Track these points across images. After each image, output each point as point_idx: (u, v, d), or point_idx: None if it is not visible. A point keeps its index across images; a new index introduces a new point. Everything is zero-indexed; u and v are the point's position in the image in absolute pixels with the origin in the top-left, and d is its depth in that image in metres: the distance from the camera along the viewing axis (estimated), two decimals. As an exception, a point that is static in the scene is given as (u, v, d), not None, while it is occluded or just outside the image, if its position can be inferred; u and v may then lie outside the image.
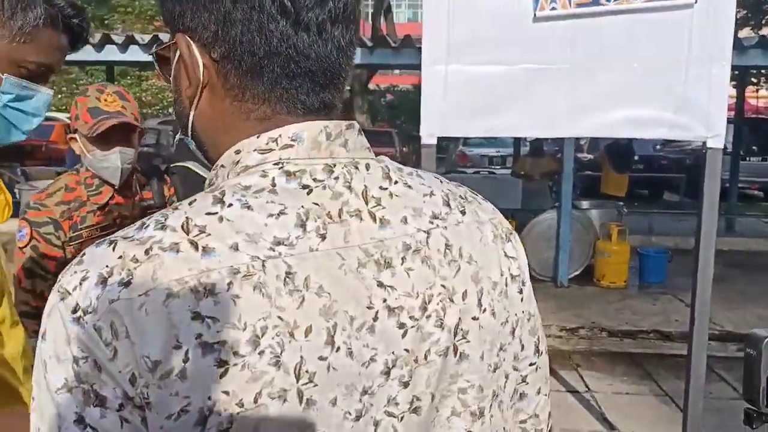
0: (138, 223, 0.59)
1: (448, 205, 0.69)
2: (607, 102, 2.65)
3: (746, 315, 5.59)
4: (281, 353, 0.55)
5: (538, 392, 0.79)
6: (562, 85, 2.66)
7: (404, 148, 15.32)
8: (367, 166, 0.65)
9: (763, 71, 18.51)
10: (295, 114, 0.64)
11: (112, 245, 0.57)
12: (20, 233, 1.93)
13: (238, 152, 0.63)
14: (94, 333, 0.53)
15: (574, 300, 5.95)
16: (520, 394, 0.77)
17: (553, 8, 2.63)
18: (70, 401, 0.54)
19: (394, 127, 18.81)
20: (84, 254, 0.58)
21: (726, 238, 8.06)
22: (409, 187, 0.67)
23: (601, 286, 6.40)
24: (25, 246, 1.92)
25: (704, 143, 2.71)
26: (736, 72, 8.37)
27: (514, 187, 8.00)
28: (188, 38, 0.63)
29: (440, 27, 2.69)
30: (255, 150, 0.62)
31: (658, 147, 13.72)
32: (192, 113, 0.66)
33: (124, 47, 6.26)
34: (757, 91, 22.29)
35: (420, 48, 2.77)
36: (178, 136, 3.40)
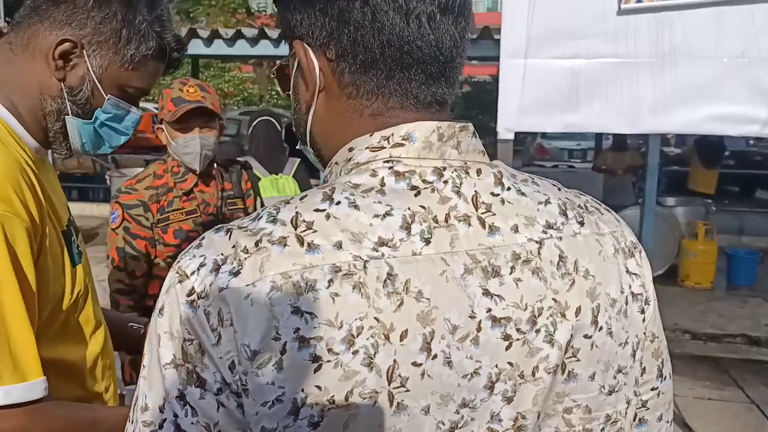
0: (254, 214, 0.62)
1: (565, 214, 0.67)
2: (694, 97, 2.56)
3: None
4: (375, 354, 0.55)
5: (659, 419, 0.75)
6: (646, 79, 2.59)
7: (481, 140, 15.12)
8: (479, 171, 0.64)
9: None
10: (408, 109, 0.64)
11: (229, 234, 0.59)
12: (113, 215, 2.13)
13: (351, 149, 0.64)
14: (204, 318, 0.56)
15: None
16: (640, 419, 0.74)
17: (639, 0, 2.56)
18: (175, 377, 0.57)
19: (471, 118, 18.59)
20: (203, 238, 0.61)
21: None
22: (523, 194, 0.65)
23: (686, 286, 6.15)
24: (117, 227, 2.11)
25: (800, 141, 2.57)
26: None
27: (594, 182, 7.77)
28: (305, 44, 0.65)
29: (520, 19, 2.66)
30: (367, 148, 0.63)
31: (751, 142, 12.96)
32: (310, 118, 0.68)
33: (209, 41, 6.50)
34: None
35: (498, 39, 2.76)
36: (258, 119, 3.38)
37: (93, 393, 1.13)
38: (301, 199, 0.61)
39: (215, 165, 2.27)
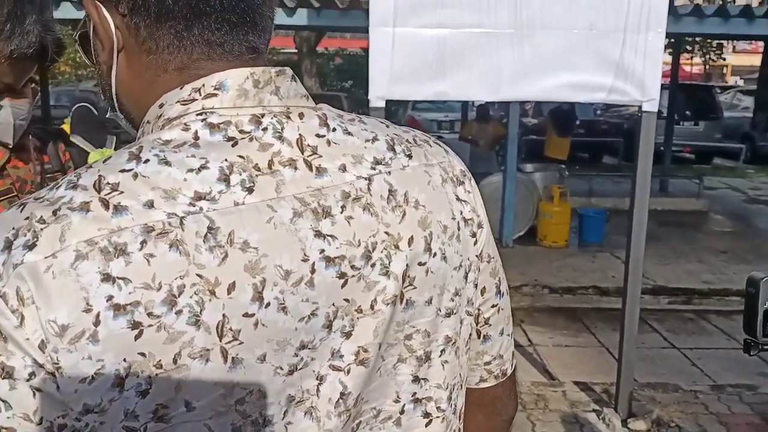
0: (52, 184, 0.57)
1: (393, 149, 0.67)
2: (549, 67, 2.74)
3: (677, 270, 5.91)
4: (201, 312, 0.53)
5: (501, 333, 0.79)
6: (507, 49, 2.74)
7: (353, 112, 15.22)
8: (301, 115, 0.62)
9: (697, 39, 19.12)
10: (216, 59, 0.61)
11: (22, 207, 0.55)
12: None
13: (161, 105, 0.61)
14: (0, 301, 0.51)
15: (518, 259, 6.15)
16: (484, 336, 0.77)
17: (499, -27, 2.69)
18: None
19: (344, 90, 18.66)
20: None
21: (660, 199, 8.43)
22: (349, 133, 0.65)
23: (544, 245, 6.63)
24: None
25: (640, 107, 2.84)
26: (672, 39, 8.61)
27: (461, 151, 8.07)
28: (96, 1, 0.62)
29: (388, -11, 2.71)
30: (177, 101, 0.60)
31: (598, 112, 14.08)
32: (113, 81, 0.64)
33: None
34: (691, 58, 23.02)
35: (368, 10, 2.79)
36: (76, 106, 3.72)
37: None
38: (104, 161, 0.57)
39: (30, 136, 2.04)
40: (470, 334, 0.76)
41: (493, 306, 0.77)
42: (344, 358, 0.62)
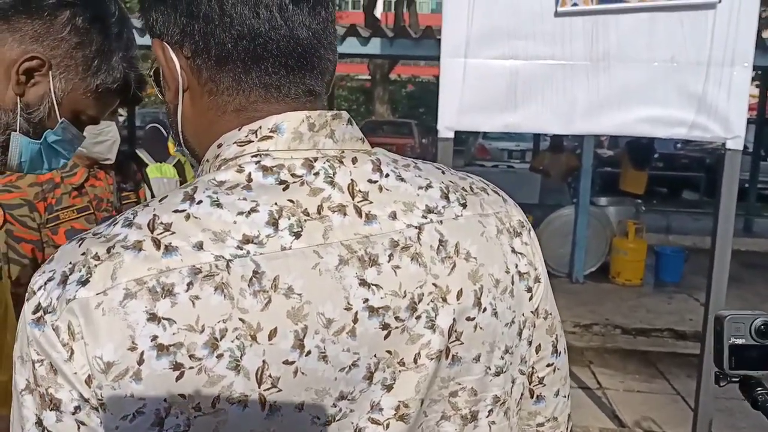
0: (111, 219, 0.59)
1: (447, 198, 0.66)
2: (627, 100, 2.64)
3: (762, 317, 5.55)
4: (241, 357, 0.53)
5: (556, 394, 0.76)
6: (582, 81, 2.66)
7: (424, 140, 15.31)
8: (354, 160, 0.62)
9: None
10: (273, 102, 0.62)
11: (80, 242, 0.57)
12: None
13: (220, 146, 0.62)
14: (52, 334, 0.53)
15: (589, 296, 5.94)
16: (537, 396, 0.74)
17: (575, 4, 2.62)
18: (30, 403, 0.54)
19: (415, 117, 18.79)
20: (57, 251, 0.58)
21: (744, 239, 7.99)
22: (403, 180, 0.64)
23: (617, 283, 6.38)
24: None
25: (723, 144, 2.69)
26: (759, 72, 8.24)
27: (532, 182, 7.97)
28: (164, 43, 0.63)
29: (460, 19, 2.69)
30: (235, 142, 0.61)
31: (678, 145, 13.57)
32: (179, 119, 0.66)
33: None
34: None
35: (440, 40, 2.78)
36: (148, 126, 4.13)
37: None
38: (160, 200, 0.59)
39: None
40: (522, 394, 0.72)
41: (548, 365, 0.74)
42: (384, 411, 0.60)
